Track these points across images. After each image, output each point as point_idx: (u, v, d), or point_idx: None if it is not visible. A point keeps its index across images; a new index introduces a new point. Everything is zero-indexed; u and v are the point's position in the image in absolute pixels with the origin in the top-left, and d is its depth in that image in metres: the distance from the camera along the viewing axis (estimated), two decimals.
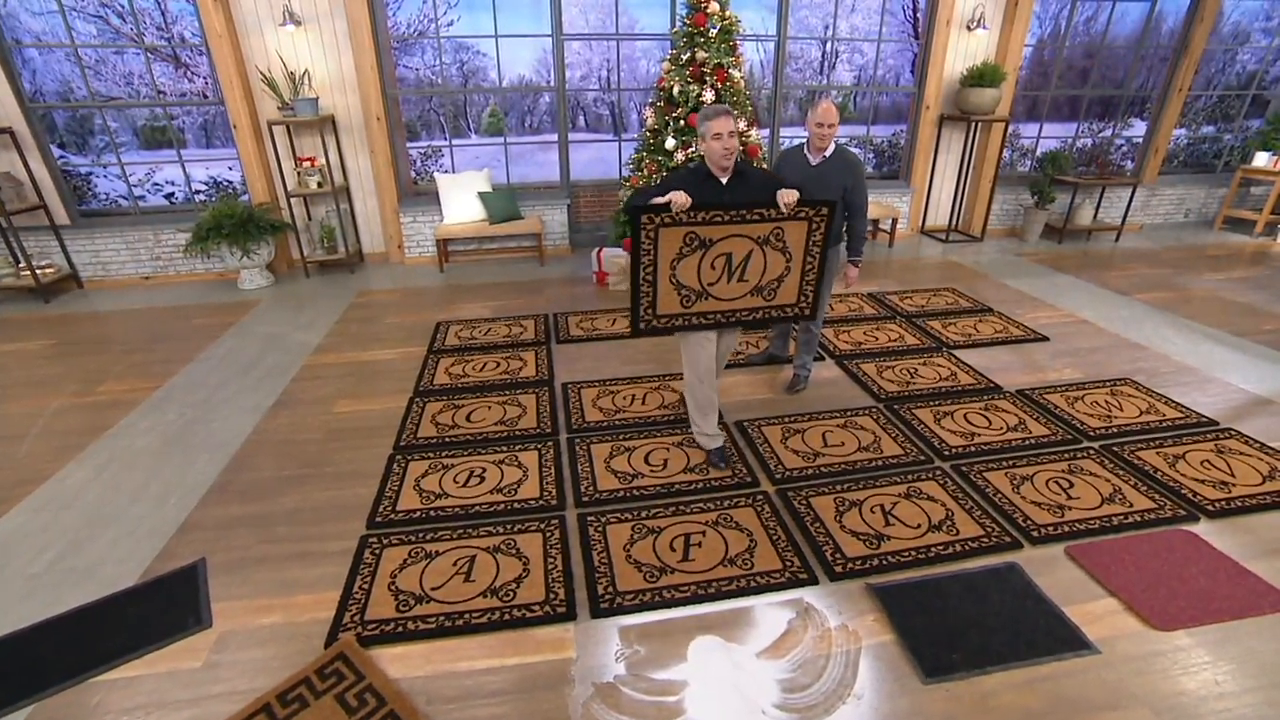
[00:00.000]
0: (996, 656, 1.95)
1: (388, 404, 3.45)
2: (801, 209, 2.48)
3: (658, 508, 2.61)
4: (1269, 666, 1.94)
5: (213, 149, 6.49)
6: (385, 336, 4.31)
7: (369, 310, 4.78)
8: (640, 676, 1.93)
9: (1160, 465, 2.85)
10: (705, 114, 2.43)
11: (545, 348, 4.08)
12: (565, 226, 5.97)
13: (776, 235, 2.51)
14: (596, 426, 3.18)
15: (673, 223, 2.37)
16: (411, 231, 5.73)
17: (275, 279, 5.43)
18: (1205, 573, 2.25)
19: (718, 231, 2.44)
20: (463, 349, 4.08)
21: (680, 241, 2.42)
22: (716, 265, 2.50)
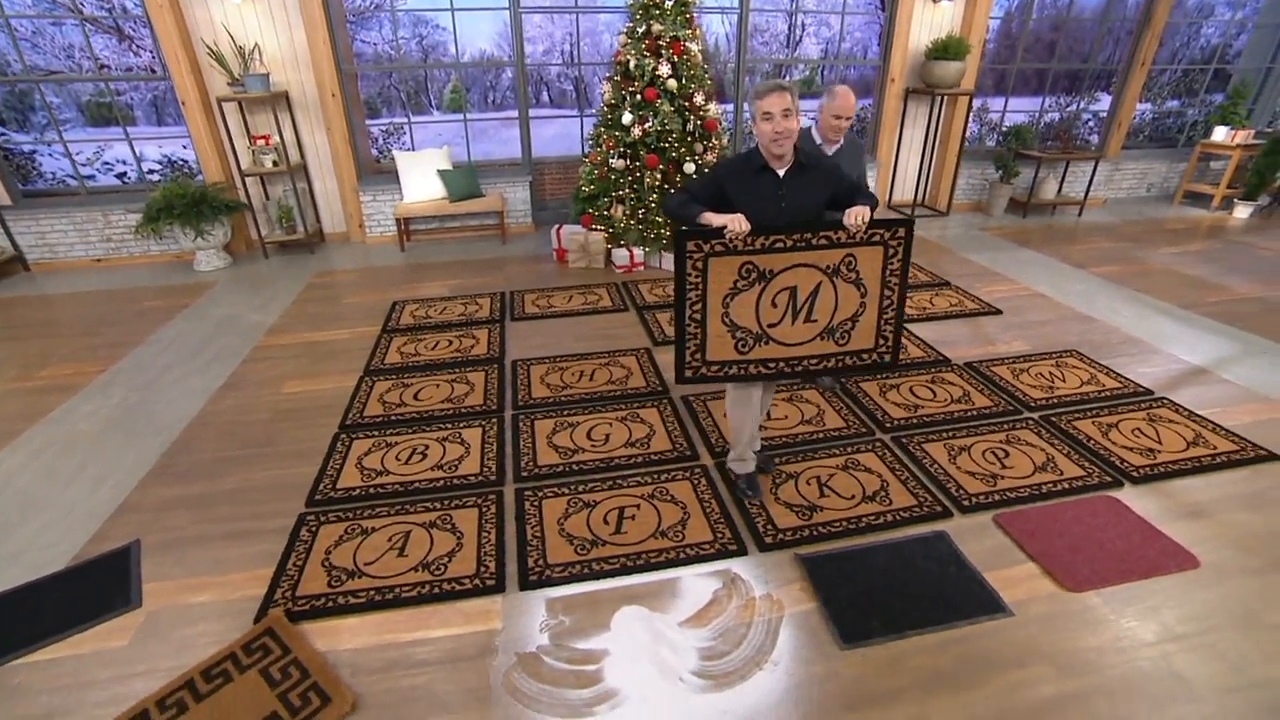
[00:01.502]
0: (914, 621, 1.99)
1: (337, 384, 3.42)
2: (875, 231, 2.06)
3: (595, 482, 2.61)
4: (1169, 621, 1.99)
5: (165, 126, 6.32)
6: (341, 317, 4.26)
7: (326, 291, 4.72)
8: (562, 646, 1.95)
9: (1094, 434, 2.89)
10: (755, 89, 2.02)
11: (499, 325, 4.07)
12: (528, 204, 5.89)
13: (849, 264, 2.09)
14: (542, 403, 3.19)
15: (725, 250, 2.01)
16: (372, 210, 5.63)
17: (233, 260, 5.33)
18: (1122, 536, 2.30)
19: (779, 260, 2.03)
20: (416, 328, 4.05)
21: (735, 273, 2.03)
22: (779, 302, 2.09)
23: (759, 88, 2.02)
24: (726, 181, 2.10)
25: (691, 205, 2.10)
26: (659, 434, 2.92)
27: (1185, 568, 2.17)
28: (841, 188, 2.16)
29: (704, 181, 2.14)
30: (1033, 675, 1.82)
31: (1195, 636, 1.94)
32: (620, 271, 4.97)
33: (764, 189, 2.08)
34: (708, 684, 1.83)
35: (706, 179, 2.14)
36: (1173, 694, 1.77)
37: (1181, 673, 1.83)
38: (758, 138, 2.07)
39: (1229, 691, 1.77)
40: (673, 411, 3.10)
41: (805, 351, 2.20)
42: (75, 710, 1.80)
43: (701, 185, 2.14)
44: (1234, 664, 1.85)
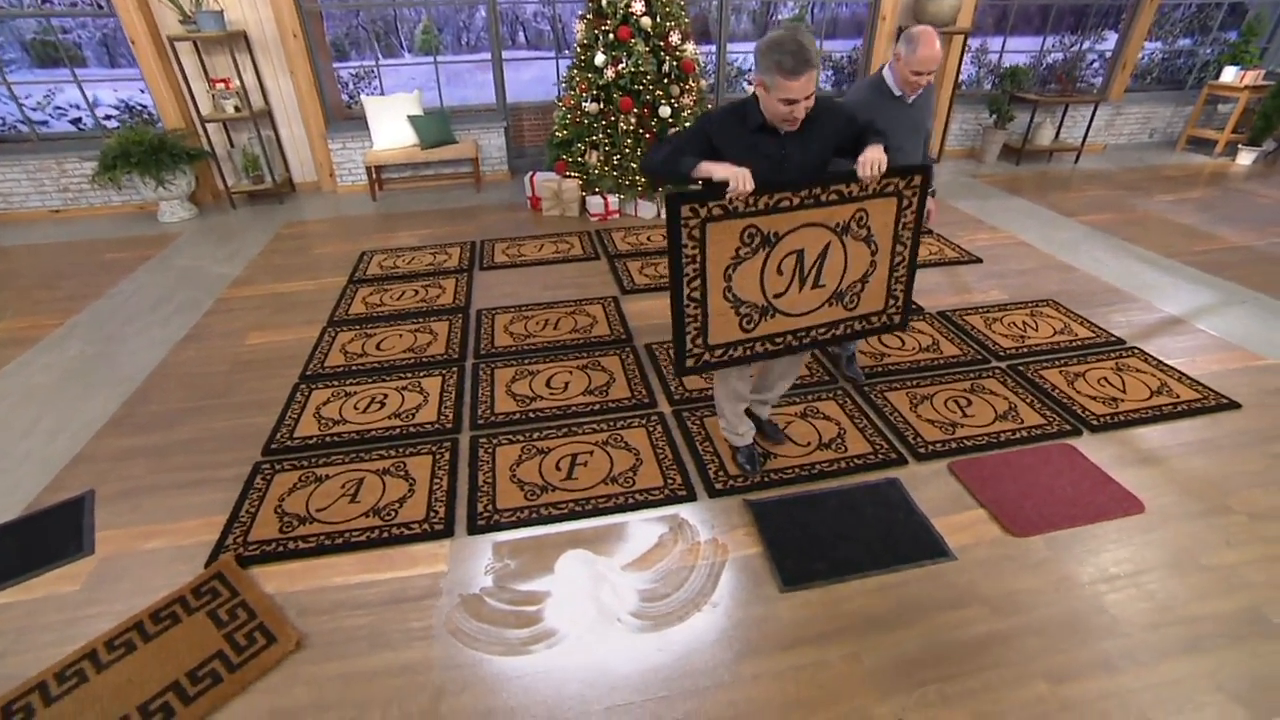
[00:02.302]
0: (857, 566, 2.02)
1: (300, 335, 3.40)
2: (889, 180, 1.88)
3: (550, 429, 2.63)
4: (1105, 563, 2.03)
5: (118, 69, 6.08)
6: (308, 268, 4.21)
7: (294, 242, 4.65)
8: (505, 588, 1.99)
9: (1059, 383, 2.88)
10: (777, 59, 1.61)
11: (467, 275, 4.04)
12: (504, 151, 5.75)
13: (859, 220, 1.91)
14: (504, 351, 3.18)
15: (725, 214, 1.76)
16: (342, 159, 5.50)
17: (198, 211, 5.23)
18: (1073, 483, 2.32)
19: (785, 221, 1.82)
20: (383, 278, 4.01)
21: (737, 239, 1.81)
22: (785, 268, 1.90)
23: (783, 61, 1.60)
24: (717, 135, 1.78)
25: (681, 158, 1.78)
26: (619, 382, 2.93)
27: (1131, 512, 2.19)
28: (851, 132, 1.86)
29: (690, 135, 1.81)
30: (967, 615, 1.86)
31: (1128, 578, 1.97)
32: (595, 220, 4.89)
33: (762, 147, 1.78)
34: (645, 625, 1.87)
35: (693, 131, 1.81)
36: (1098, 630, 1.82)
37: (1109, 610, 1.87)
38: (765, 108, 1.73)
39: (1152, 628, 1.82)
40: (634, 359, 3.10)
41: (813, 320, 2.03)
42: (25, 651, 1.84)
43: (688, 139, 1.81)
44: (1161, 603, 1.89)
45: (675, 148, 1.81)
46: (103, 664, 1.79)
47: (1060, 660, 1.73)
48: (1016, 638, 1.79)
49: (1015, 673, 1.71)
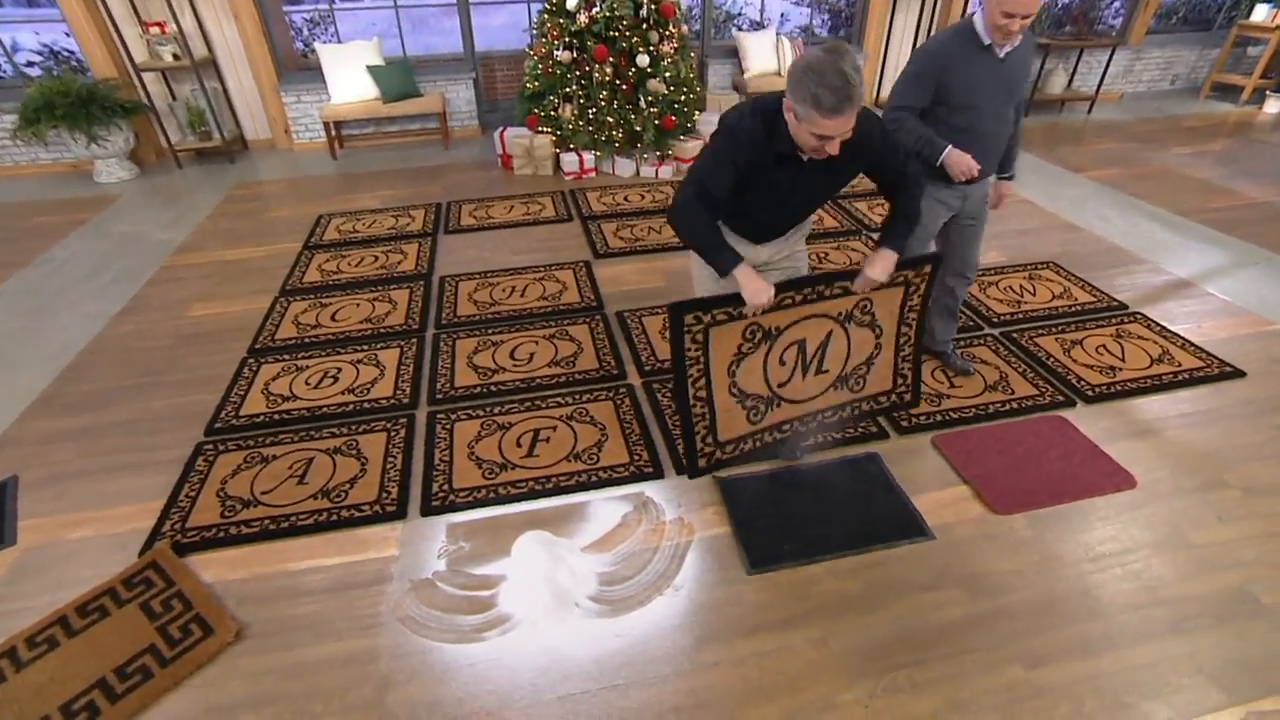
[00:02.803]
0: (829, 546, 2.01)
1: (249, 305, 3.34)
2: (899, 273, 1.97)
3: (513, 403, 2.61)
4: (1091, 542, 2.03)
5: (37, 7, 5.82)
6: (260, 233, 4.12)
7: (246, 204, 4.54)
8: (459, 572, 1.98)
9: (1055, 351, 2.85)
10: (816, 96, 1.47)
11: (431, 239, 3.97)
12: (473, 105, 5.59)
13: (863, 308, 2.04)
14: (467, 321, 3.15)
15: (729, 318, 1.88)
16: (297, 113, 5.34)
17: (140, 171, 5.08)
18: (1063, 456, 2.30)
19: (787, 316, 1.94)
20: (341, 244, 3.94)
21: (739, 337, 1.94)
22: (787, 359, 2.03)
23: (821, 97, 1.46)
24: (745, 164, 1.70)
25: (713, 228, 1.77)
26: (587, 352, 2.91)
27: (1121, 488, 2.18)
28: (883, 167, 1.81)
29: (718, 170, 1.70)
30: (942, 598, 1.86)
31: (1114, 557, 1.97)
32: (569, 179, 4.80)
33: (779, 177, 1.72)
34: (604, 609, 1.87)
35: (722, 165, 1.70)
36: (1078, 613, 1.82)
37: (1091, 592, 1.87)
38: (791, 132, 1.61)
39: (1134, 609, 1.82)
40: (604, 328, 3.07)
41: (820, 405, 2.19)
42: None
43: (717, 177, 1.70)
44: (1146, 583, 1.90)
45: (705, 194, 1.73)
46: (23, 662, 1.77)
47: (1036, 644, 1.74)
48: (992, 621, 1.80)
49: (989, 658, 1.71)
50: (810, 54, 1.51)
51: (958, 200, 2.37)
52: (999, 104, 2.17)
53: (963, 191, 2.34)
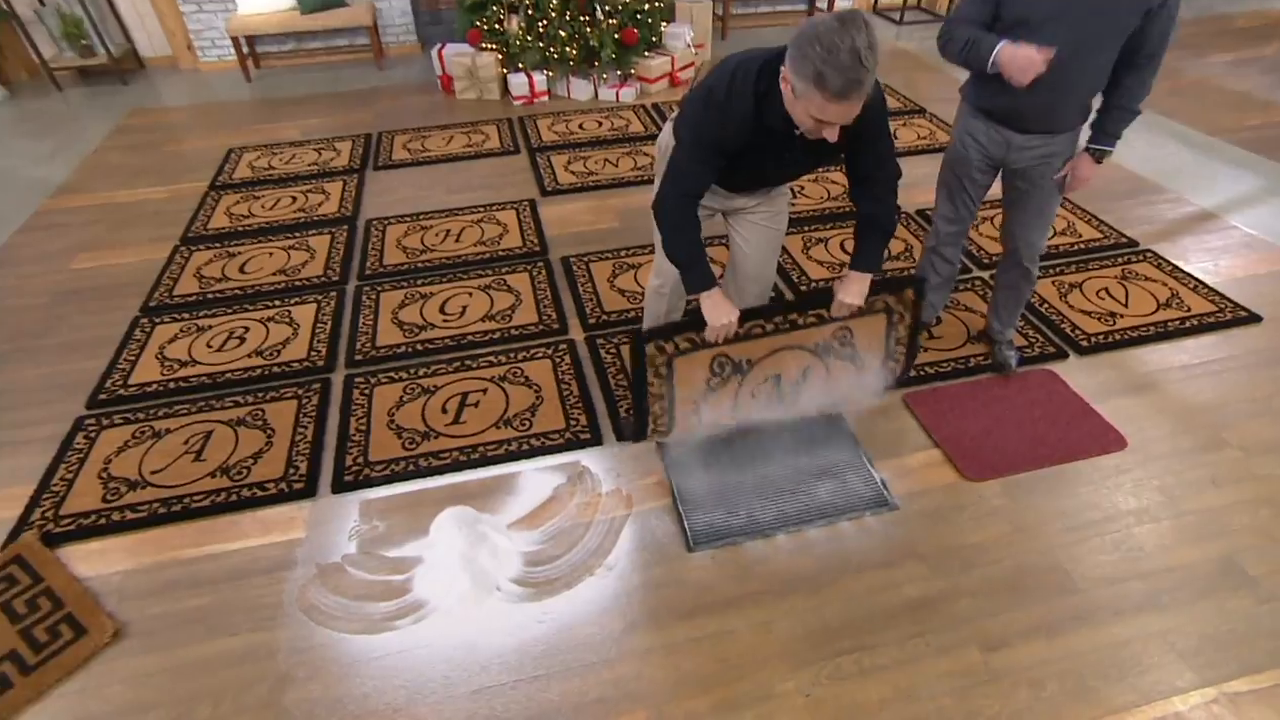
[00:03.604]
0: (780, 519, 2.00)
1: (144, 256, 3.24)
2: (878, 299, 1.93)
3: (440, 364, 2.57)
4: (1070, 510, 2.02)
5: None
6: (158, 169, 3.98)
7: (142, 135, 4.37)
8: (371, 555, 1.97)
9: (1049, 297, 2.81)
10: (822, 75, 1.34)
11: (358, 176, 3.87)
12: (409, 16, 5.36)
13: (843, 339, 2.02)
14: (394, 271, 3.10)
15: (693, 347, 1.88)
16: (200, 25, 5.07)
17: (8, 93, 4.82)
18: (1048, 416, 2.28)
19: (759, 348, 1.95)
20: (254, 183, 3.84)
21: (707, 371, 1.95)
22: (760, 394, 2.05)
23: (829, 78, 1.34)
24: (730, 141, 1.62)
25: (696, 241, 1.73)
26: (526, 304, 2.87)
27: (1110, 450, 2.17)
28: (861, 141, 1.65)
29: (705, 159, 1.64)
30: (900, 575, 1.86)
31: (1092, 527, 1.97)
32: (519, 103, 4.66)
33: (768, 146, 1.65)
34: (527, 592, 1.86)
35: (708, 154, 1.63)
36: (1047, 589, 1.82)
37: (1063, 566, 1.87)
38: (786, 104, 1.50)
39: (1108, 583, 1.83)
40: (546, 277, 3.03)
41: None
42: None
43: (703, 167, 1.65)
44: (1125, 555, 1.90)
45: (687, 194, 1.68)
46: None
47: (999, 624, 1.74)
48: (952, 600, 1.80)
49: (945, 640, 1.72)
50: (820, 22, 1.36)
51: (998, 148, 2.02)
52: (1083, 26, 1.72)
53: (1004, 137, 1.99)
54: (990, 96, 1.97)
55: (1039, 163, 2.02)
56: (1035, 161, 2.02)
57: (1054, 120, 1.94)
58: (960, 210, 2.24)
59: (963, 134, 2.09)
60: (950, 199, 2.23)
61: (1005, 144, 2.02)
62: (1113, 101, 1.92)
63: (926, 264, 2.45)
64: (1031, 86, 1.76)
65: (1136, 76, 1.85)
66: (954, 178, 2.18)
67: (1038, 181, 2.06)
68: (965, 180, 2.15)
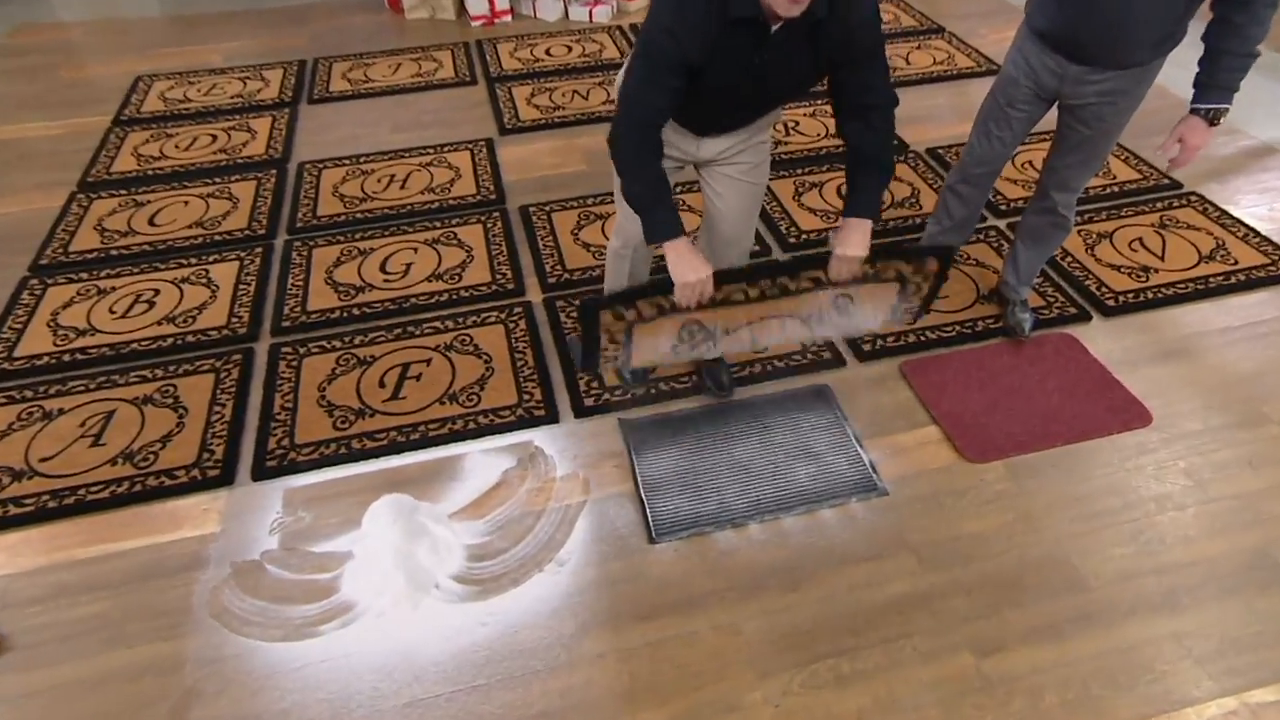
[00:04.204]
0: (753, 507, 2.00)
1: (34, 204, 3.19)
2: (890, 264, 1.84)
3: (379, 330, 2.57)
4: (1083, 496, 2.01)
5: None
6: (51, 100, 3.91)
7: (31, 57, 4.28)
8: (295, 550, 1.95)
9: (1075, 249, 2.79)
10: None
11: (289, 111, 3.84)
12: None
13: (842, 306, 1.94)
14: (330, 223, 3.08)
15: (659, 313, 1.79)
16: None
17: None
18: (1064, 387, 2.27)
19: (739, 315, 1.87)
20: (167, 117, 3.79)
21: (674, 337, 1.89)
22: (733, 347, 2.01)
23: None
24: (693, 50, 1.53)
25: (657, 178, 1.66)
26: (478, 260, 2.86)
27: (1133, 426, 2.16)
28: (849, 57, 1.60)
29: (667, 73, 1.55)
30: (887, 570, 1.85)
31: (1108, 516, 1.96)
32: (477, 24, 4.60)
33: (736, 50, 1.56)
34: (469, 591, 1.85)
35: (667, 57, 1.53)
36: (1053, 586, 1.81)
37: (1071, 559, 1.86)
38: None
39: (1123, 580, 1.82)
40: (503, 229, 3.02)
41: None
42: None
43: (664, 85, 1.56)
44: (1142, 547, 1.89)
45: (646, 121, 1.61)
46: None
47: (995, 626, 1.74)
48: (944, 598, 1.79)
49: (935, 644, 1.71)
50: None
51: (1051, 77, 1.94)
52: None
53: (1059, 66, 1.90)
54: (1046, 17, 1.88)
55: (1098, 101, 1.93)
56: (1094, 99, 1.93)
57: (1118, 51, 1.81)
58: (995, 145, 2.16)
59: (1016, 55, 2.02)
60: (987, 131, 2.16)
61: (1059, 75, 1.92)
62: (1220, 44, 1.74)
63: (940, 206, 2.39)
64: (1096, 28, 1.69)
65: (1248, 11, 1.67)
66: (996, 105, 2.10)
67: (1094, 124, 1.98)
68: (1010, 109, 2.07)
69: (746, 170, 1.91)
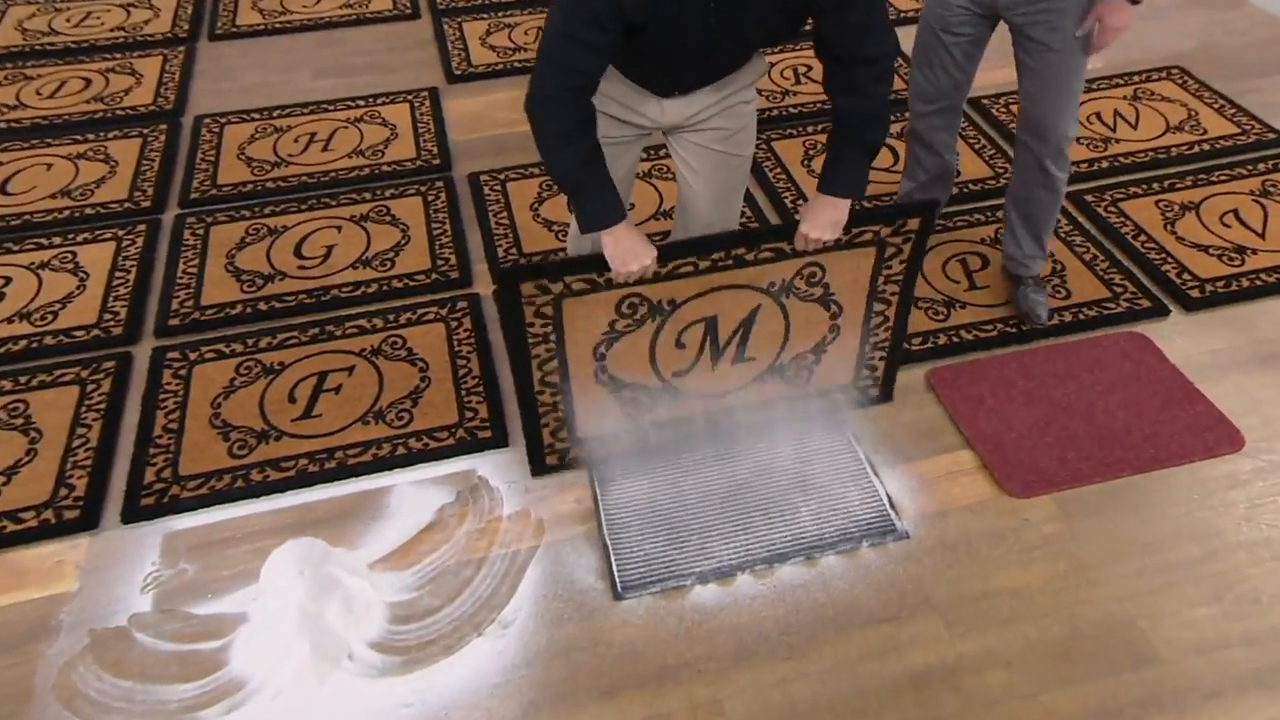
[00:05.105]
0: (744, 553, 2.00)
1: None
2: (866, 230, 1.92)
3: (291, 331, 2.58)
4: (1153, 542, 1.98)
5: None
6: None
7: None
8: (173, 613, 1.92)
9: (1149, 223, 2.80)
10: None
11: (185, 50, 3.87)
12: None
13: (811, 277, 2.00)
14: (235, 193, 3.11)
15: (592, 287, 1.85)
16: None
17: None
18: (1131, 401, 2.26)
19: (687, 287, 1.93)
20: (26, 54, 3.82)
21: (611, 312, 1.93)
22: (688, 340, 2.05)
23: None
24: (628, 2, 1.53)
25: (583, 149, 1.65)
26: (416, 242, 2.88)
27: (1219, 452, 2.14)
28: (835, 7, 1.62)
29: (585, 17, 1.51)
30: (906, 636, 1.83)
31: (1185, 567, 1.93)
32: None
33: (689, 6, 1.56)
34: (390, 662, 1.83)
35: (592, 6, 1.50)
36: (1112, 658, 1.78)
37: (1138, 623, 1.83)
38: None
39: (1201, 652, 1.79)
40: (448, 202, 3.05)
41: (739, 400, 2.22)
42: None
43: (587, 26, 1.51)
44: (1230, 607, 1.86)
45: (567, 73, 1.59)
46: None
47: (1040, 709, 1.71)
48: (978, 672, 1.77)
49: None
50: None
51: None
52: None
53: None
54: None
55: (1041, 15, 2.05)
56: (1035, 13, 2.05)
57: None
58: (941, 77, 2.27)
59: None
60: (927, 63, 2.27)
61: None
62: None
63: (910, 159, 2.53)
64: None
65: None
66: (930, 32, 2.23)
67: (1044, 41, 2.09)
68: (945, 34, 2.19)
69: (722, 138, 1.90)
